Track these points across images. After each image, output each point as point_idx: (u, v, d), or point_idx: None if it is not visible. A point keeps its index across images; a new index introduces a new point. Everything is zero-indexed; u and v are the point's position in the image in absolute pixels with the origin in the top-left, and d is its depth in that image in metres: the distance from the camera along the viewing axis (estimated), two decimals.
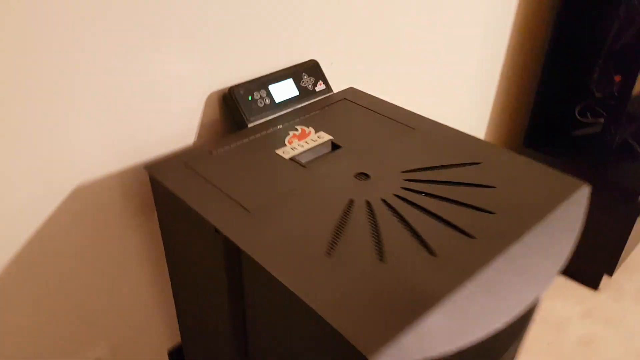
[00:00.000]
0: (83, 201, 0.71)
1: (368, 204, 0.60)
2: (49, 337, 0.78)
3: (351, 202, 0.61)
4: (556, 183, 0.64)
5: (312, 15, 0.85)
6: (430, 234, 0.56)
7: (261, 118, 0.78)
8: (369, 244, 0.54)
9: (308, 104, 0.83)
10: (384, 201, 0.61)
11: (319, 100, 0.85)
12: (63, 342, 0.80)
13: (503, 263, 0.53)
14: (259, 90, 0.79)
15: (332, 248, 0.54)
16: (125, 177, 0.74)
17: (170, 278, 0.81)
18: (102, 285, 0.80)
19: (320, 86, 0.85)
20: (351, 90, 0.89)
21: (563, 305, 1.47)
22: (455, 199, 0.61)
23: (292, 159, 0.69)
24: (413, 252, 0.53)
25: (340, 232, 0.56)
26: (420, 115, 0.80)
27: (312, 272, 0.51)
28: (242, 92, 0.77)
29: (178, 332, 0.96)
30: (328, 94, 0.86)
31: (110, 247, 0.77)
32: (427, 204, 0.60)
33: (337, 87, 0.96)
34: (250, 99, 0.78)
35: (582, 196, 0.63)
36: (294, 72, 0.83)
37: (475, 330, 0.47)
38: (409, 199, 0.61)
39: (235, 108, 0.77)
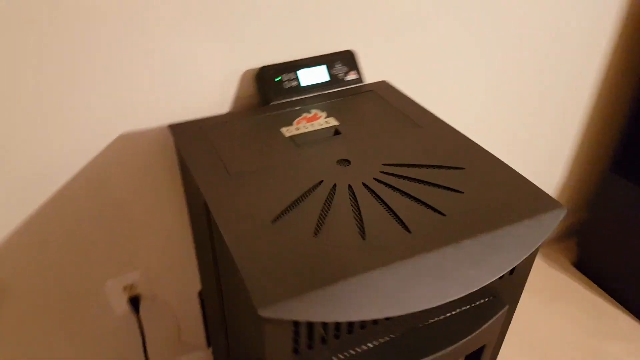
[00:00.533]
0: (125, 147, 0.85)
1: (334, 186, 0.65)
2: (93, 257, 0.94)
3: (320, 182, 0.66)
4: (531, 199, 0.63)
5: (363, 7, 0.90)
6: (372, 221, 0.59)
7: (284, 98, 0.85)
8: (312, 220, 0.60)
9: (334, 91, 0.89)
10: (350, 187, 0.65)
11: (347, 89, 0.90)
12: (105, 263, 0.96)
13: (430, 260, 0.55)
14: (288, 72, 0.86)
15: (279, 218, 0.60)
16: (163, 133, 0.87)
17: (191, 228, 0.93)
18: (139, 221, 0.94)
19: (351, 76, 0.90)
20: (383, 83, 0.92)
21: (615, 343, 1.35)
22: (415, 195, 0.63)
23: (291, 137, 0.76)
24: (347, 233, 0.58)
25: (294, 207, 0.62)
26: (435, 116, 0.81)
27: (252, 233, 0.58)
28: (271, 72, 0.85)
29: None
30: (358, 84, 0.91)
31: (144, 191, 0.91)
32: (386, 195, 0.63)
33: (377, 78, 0.99)
34: (278, 79, 0.86)
35: (554, 218, 0.62)
36: (329, 60, 0.89)
37: (368, 311, 0.51)
38: (373, 188, 0.65)
39: (262, 86, 0.85)
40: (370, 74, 0.98)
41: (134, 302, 1.06)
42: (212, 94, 0.87)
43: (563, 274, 1.57)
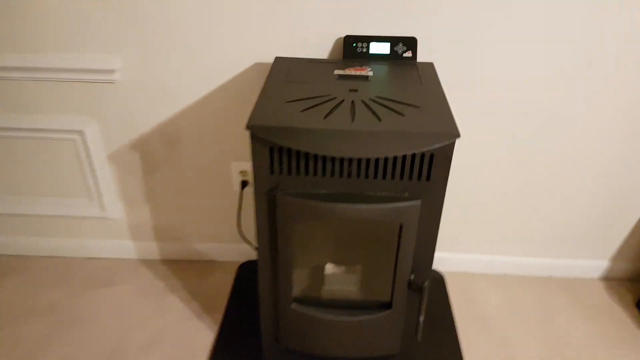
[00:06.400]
0: (255, 72, 1.38)
1: (342, 100, 1.06)
2: (227, 143, 1.49)
3: (334, 97, 1.07)
4: (444, 125, 0.94)
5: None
6: (359, 115, 0.98)
7: (354, 57, 1.27)
8: (325, 111, 1.01)
9: (390, 60, 1.27)
10: (352, 102, 1.05)
11: (399, 60, 1.27)
12: (233, 150, 1.51)
13: (381, 131, 0.92)
14: (362, 42, 1.28)
15: (296, 101, 1.04)
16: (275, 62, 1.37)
17: None
18: None
19: (407, 54, 1.27)
20: (429, 64, 1.26)
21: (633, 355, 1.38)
22: (385, 107, 1.00)
23: (337, 75, 1.18)
24: (344, 118, 0.98)
25: (315, 104, 1.04)
26: (442, 94, 1.13)
27: (277, 106, 1.03)
28: (351, 40, 1.28)
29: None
30: (410, 61, 1.27)
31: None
32: (370, 106, 1.01)
33: (430, 59, 1.33)
34: (354, 45, 1.28)
35: (447, 136, 0.92)
36: (394, 40, 1.28)
37: (323, 149, 0.91)
38: (365, 103, 1.03)
39: (344, 47, 1.29)
40: (425, 56, 1.32)
41: (243, 185, 1.59)
42: (316, 46, 1.33)
43: (621, 306, 1.60)
